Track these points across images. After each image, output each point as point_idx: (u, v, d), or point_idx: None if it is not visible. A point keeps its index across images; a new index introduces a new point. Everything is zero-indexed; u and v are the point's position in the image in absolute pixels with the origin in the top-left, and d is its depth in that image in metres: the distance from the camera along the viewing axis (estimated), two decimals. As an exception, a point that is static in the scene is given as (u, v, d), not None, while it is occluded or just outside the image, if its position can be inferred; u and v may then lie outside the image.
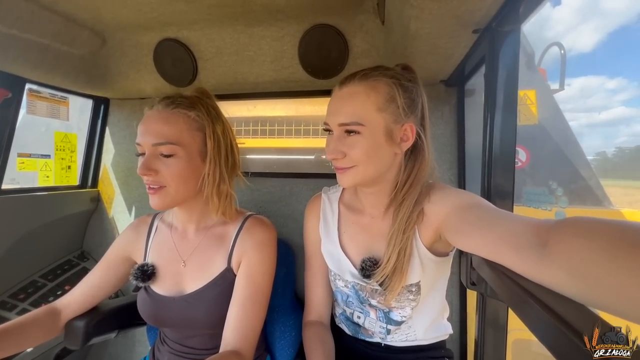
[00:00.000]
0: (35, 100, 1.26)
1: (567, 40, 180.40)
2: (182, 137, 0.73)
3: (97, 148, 1.55)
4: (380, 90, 0.65)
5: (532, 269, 0.40)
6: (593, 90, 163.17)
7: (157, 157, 0.72)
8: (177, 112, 0.75)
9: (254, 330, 0.76)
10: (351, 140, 0.66)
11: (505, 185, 0.70)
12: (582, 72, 76.79)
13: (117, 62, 1.30)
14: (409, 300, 0.75)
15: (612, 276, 0.29)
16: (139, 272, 0.82)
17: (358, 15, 1.06)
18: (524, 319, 0.37)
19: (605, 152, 2.53)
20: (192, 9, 1.04)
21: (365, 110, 0.65)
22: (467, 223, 0.57)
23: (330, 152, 0.68)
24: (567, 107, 2.06)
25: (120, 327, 0.97)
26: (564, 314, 0.32)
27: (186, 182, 0.75)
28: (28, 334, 0.76)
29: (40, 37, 1.05)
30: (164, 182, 0.73)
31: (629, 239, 0.29)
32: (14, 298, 1.19)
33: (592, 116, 58.25)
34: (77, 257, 1.49)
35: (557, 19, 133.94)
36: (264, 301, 0.80)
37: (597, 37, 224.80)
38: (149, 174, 0.71)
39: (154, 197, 0.74)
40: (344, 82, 0.69)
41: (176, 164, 0.73)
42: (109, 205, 1.54)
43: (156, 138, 0.72)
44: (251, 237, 0.82)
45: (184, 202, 0.79)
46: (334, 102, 0.69)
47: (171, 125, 0.73)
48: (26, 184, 1.35)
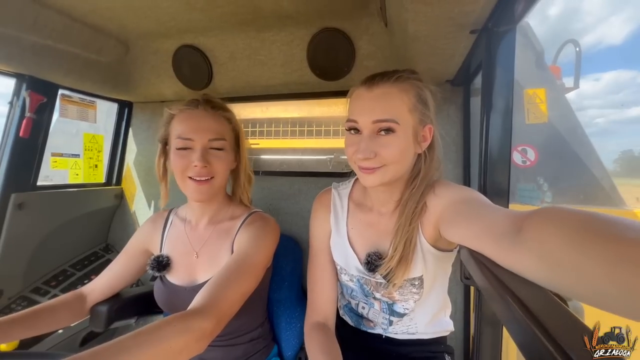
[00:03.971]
0: (67, 105, 1.38)
1: (597, 33, 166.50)
2: (227, 134, 0.86)
3: (121, 148, 1.66)
4: (410, 93, 0.68)
5: (505, 255, 0.41)
6: (624, 85, 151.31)
7: (208, 151, 0.82)
8: (220, 113, 0.86)
9: (228, 300, 0.66)
10: (385, 139, 0.66)
11: (501, 183, 0.71)
12: (612, 66, 71.08)
13: (140, 68, 1.39)
14: (412, 293, 0.78)
15: (574, 261, 0.31)
16: (154, 263, 0.88)
17: (363, 19, 1.09)
18: (496, 308, 0.39)
19: (632, 150, 2.40)
20: (207, 17, 1.11)
21: (400, 109, 0.66)
22: (459, 215, 0.59)
23: (362, 151, 0.67)
24: (594, 103, 1.95)
25: (139, 314, 1.04)
26: (537, 310, 0.31)
27: (225, 174, 0.87)
28: (58, 315, 0.85)
29: (72, 46, 1.16)
30: (214, 173, 0.82)
31: (594, 228, 0.31)
32: (46, 285, 1.31)
33: (621, 112, 54.48)
34: (102, 249, 1.60)
35: (586, 10, 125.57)
36: (248, 275, 0.74)
37: (629, 29, 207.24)
38: (206, 165, 0.80)
39: (203, 188, 0.81)
40: (372, 83, 0.69)
41: (225, 156, 0.84)
42: (130, 201, 1.64)
43: (211, 134, 0.82)
44: (250, 226, 0.87)
45: (219, 193, 0.89)
46: (366, 102, 0.68)
47: (220, 124, 0.85)
48: (58, 181, 1.47)
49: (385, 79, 0.68)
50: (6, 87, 1.22)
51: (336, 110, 1.92)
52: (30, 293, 1.26)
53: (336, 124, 2.02)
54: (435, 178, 0.76)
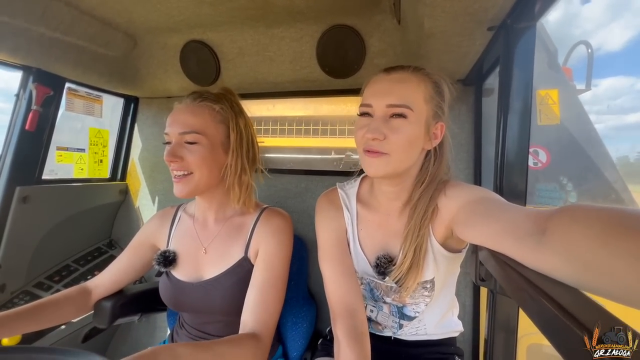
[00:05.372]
0: (73, 98, 1.37)
1: (597, 39, 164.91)
2: (206, 127, 0.79)
3: (127, 143, 1.65)
4: (428, 84, 0.67)
5: (530, 255, 0.40)
6: (622, 91, 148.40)
7: (182, 145, 0.78)
8: (203, 104, 0.81)
9: (271, 315, 0.77)
10: (396, 122, 0.65)
11: (519, 185, 0.69)
12: (611, 73, 68.47)
13: (147, 63, 1.38)
14: (423, 296, 0.76)
15: (604, 261, 0.30)
16: (161, 258, 0.87)
17: (375, 16, 1.08)
18: (528, 312, 0.37)
19: (628, 156, 2.36)
20: (216, 12, 1.10)
21: (415, 96, 0.65)
22: (475, 215, 0.58)
23: (372, 131, 0.65)
24: (593, 109, 1.93)
25: (143, 311, 1.03)
26: (571, 307, 0.31)
27: (210, 170, 0.80)
28: (62, 309, 0.84)
29: (79, 39, 1.15)
30: (190, 169, 0.78)
31: (622, 225, 0.30)
32: (49, 279, 1.30)
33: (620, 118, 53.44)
34: (106, 245, 1.59)
35: (586, 16, 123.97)
36: (281, 287, 0.81)
37: (628, 35, 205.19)
38: (174, 160, 0.77)
39: (179, 185, 0.79)
40: (391, 69, 0.69)
41: (199, 151, 0.78)
42: (135, 196, 1.63)
43: (182, 127, 0.78)
44: (268, 226, 0.85)
45: (206, 191, 0.85)
46: (382, 84, 0.68)
47: (196, 117, 0.79)
48: (63, 176, 1.46)
49: (406, 68, 0.68)
50: (6, 83, 1.21)
51: (344, 109, 1.90)
52: (33, 288, 1.25)
53: (343, 123, 2.00)
54: (445, 179, 0.74)
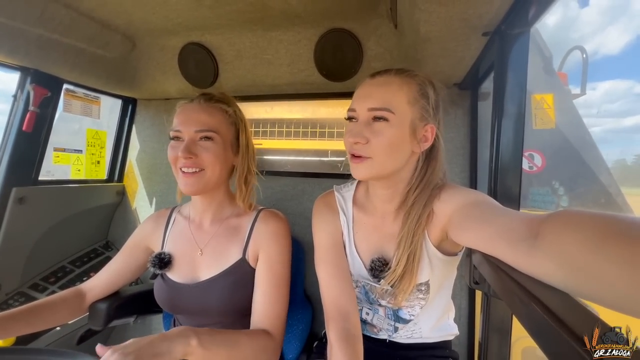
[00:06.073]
0: (71, 100, 1.37)
1: (594, 43, 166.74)
2: (220, 127, 0.83)
3: (124, 145, 1.65)
4: (412, 86, 0.67)
5: (523, 260, 0.40)
6: (619, 95, 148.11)
7: (196, 143, 0.80)
8: (217, 106, 0.84)
9: (280, 317, 0.79)
10: (378, 126, 0.65)
11: (513, 188, 0.70)
12: (608, 76, 68.82)
13: (145, 64, 1.39)
14: (418, 299, 0.76)
15: (596, 266, 0.30)
16: (156, 260, 0.87)
17: (372, 20, 1.09)
18: (518, 316, 0.38)
19: (625, 159, 2.38)
20: (215, 15, 1.11)
21: (397, 99, 0.65)
22: (470, 219, 0.58)
23: (354, 135, 0.66)
24: (591, 112, 1.94)
25: (138, 313, 1.03)
26: (561, 313, 0.31)
27: (220, 168, 0.82)
28: (57, 311, 0.83)
29: (78, 41, 1.15)
30: (202, 166, 0.80)
31: (614, 231, 0.30)
32: (45, 281, 1.29)
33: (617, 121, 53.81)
34: (103, 246, 1.58)
35: (584, 20, 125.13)
36: (286, 288, 0.83)
37: (625, 39, 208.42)
38: (189, 156, 0.77)
39: (189, 180, 0.79)
40: (377, 73, 0.69)
41: (213, 148, 0.80)
42: (132, 198, 1.63)
43: (199, 125, 0.80)
44: (266, 228, 0.86)
45: (212, 190, 0.86)
46: (365, 88, 0.69)
47: (212, 116, 0.82)
48: (60, 177, 1.46)
49: (390, 71, 0.69)
50: (4, 84, 1.21)
51: (342, 112, 1.90)
52: (28, 289, 1.24)
53: (340, 125, 2.01)
54: (441, 185, 0.74)
